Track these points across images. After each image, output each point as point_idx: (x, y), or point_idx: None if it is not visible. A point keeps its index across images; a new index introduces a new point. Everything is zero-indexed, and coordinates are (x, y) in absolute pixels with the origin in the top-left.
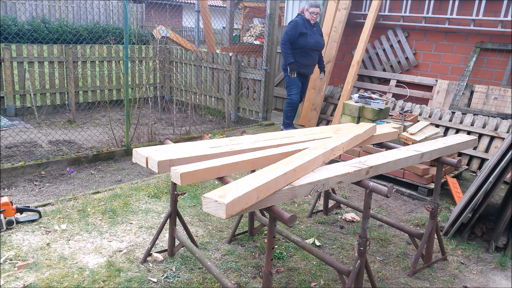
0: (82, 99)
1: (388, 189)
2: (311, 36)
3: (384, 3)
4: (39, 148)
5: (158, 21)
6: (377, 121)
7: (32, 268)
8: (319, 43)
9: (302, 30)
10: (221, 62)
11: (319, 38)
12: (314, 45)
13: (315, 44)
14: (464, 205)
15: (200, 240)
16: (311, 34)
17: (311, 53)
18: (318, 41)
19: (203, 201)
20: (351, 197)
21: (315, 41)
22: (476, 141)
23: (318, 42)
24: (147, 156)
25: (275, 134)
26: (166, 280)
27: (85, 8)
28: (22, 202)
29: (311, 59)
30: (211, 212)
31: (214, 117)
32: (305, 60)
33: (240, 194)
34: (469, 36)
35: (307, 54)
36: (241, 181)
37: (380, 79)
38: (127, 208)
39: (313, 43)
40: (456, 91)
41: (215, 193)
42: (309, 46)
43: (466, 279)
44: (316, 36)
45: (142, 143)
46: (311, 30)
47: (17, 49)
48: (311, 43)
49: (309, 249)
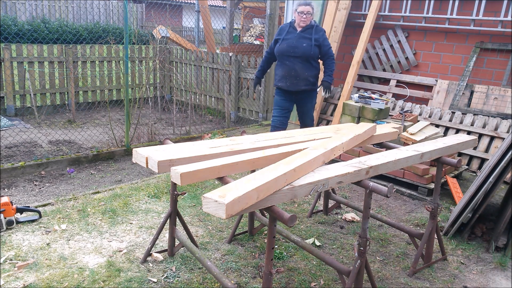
0: (82, 99)
1: (388, 189)
2: (284, 41)
3: (384, 3)
4: (39, 148)
5: (158, 21)
6: (377, 121)
7: (32, 268)
8: (295, 48)
9: (278, 36)
10: (221, 62)
11: (298, 42)
12: (286, 51)
13: (287, 49)
14: (464, 205)
15: (200, 240)
16: (287, 39)
17: (285, 61)
18: (294, 45)
19: (203, 201)
20: (351, 197)
21: (287, 46)
22: (476, 141)
23: (294, 46)
24: (147, 156)
25: (275, 134)
26: (166, 280)
27: (85, 8)
28: (22, 202)
29: (287, 69)
30: (211, 212)
31: (214, 117)
32: (280, 70)
33: (240, 194)
34: (469, 36)
35: (281, 63)
36: (241, 181)
37: (380, 79)
38: (127, 208)
39: (285, 48)
40: (456, 91)
41: (215, 193)
42: (280, 52)
43: (466, 279)
44: (294, 40)
45: (142, 143)
46: (292, 34)
47: (17, 49)
48: (282, 48)
49: (309, 249)
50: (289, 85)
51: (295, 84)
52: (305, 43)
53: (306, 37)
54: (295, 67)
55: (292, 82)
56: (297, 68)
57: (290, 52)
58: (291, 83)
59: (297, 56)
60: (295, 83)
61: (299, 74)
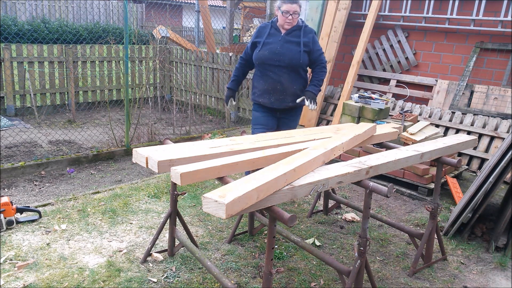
0: (82, 99)
1: (388, 189)
2: (265, 46)
3: (384, 3)
4: (39, 148)
5: (158, 21)
6: (377, 121)
7: (32, 268)
8: (280, 55)
9: (257, 39)
10: (221, 62)
11: (283, 47)
12: (269, 58)
13: (270, 57)
14: (464, 205)
15: (200, 240)
16: (269, 43)
17: (268, 72)
18: (279, 52)
19: (203, 201)
20: (351, 197)
21: (270, 52)
22: (476, 141)
23: (278, 53)
24: (147, 156)
25: (275, 134)
26: (166, 280)
27: (85, 8)
28: (22, 202)
29: (271, 82)
30: (211, 212)
31: (214, 117)
32: (262, 83)
33: (240, 194)
34: (469, 36)
35: (262, 74)
36: (241, 181)
37: (380, 79)
38: (127, 208)
39: (267, 55)
40: (456, 91)
41: (215, 193)
42: (260, 60)
43: (466, 279)
44: (278, 45)
45: (142, 143)
46: (275, 38)
47: (17, 49)
48: (264, 55)
49: (309, 249)
50: (273, 101)
51: (281, 101)
52: (293, 48)
53: (293, 41)
54: (280, 80)
55: (277, 98)
56: (283, 80)
57: (273, 60)
58: (276, 99)
59: (283, 65)
60: (281, 99)
61: (286, 88)
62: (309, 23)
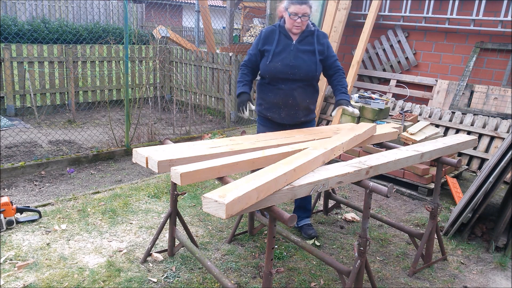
0: (82, 99)
1: (388, 189)
2: (277, 57)
3: (384, 3)
4: (39, 148)
5: (158, 21)
6: (377, 121)
7: (32, 268)
8: (295, 68)
9: (265, 46)
10: (221, 62)
11: (297, 59)
12: (282, 72)
13: (283, 70)
14: (464, 205)
15: (200, 240)
16: (281, 53)
17: (280, 84)
18: (293, 64)
19: (203, 201)
20: (351, 197)
21: (283, 65)
22: (476, 141)
23: (293, 65)
24: (147, 156)
25: (275, 134)
26: (166, 280)
27: (85, 8)
28: (22, 202)
29: (282, 95)
30: (211, 212)
31: (214, 117)
32: (271, 96)
33: (240, 194)
34: (469, 36)
35: (272, 86)
36: (241, 181)
37: (380, 79)
38: (127, 208)
39: (280, 68)
40: (456, 91)
41: (215, 193)
42: (272, 74)
43: (466, 279)
44: (292, 56)
45: (142, 143)
46: (286, 46)
47: (17, 49)
48: (276, 68)
49: (309, 249)
50: (283, 116)
51: (292, 116)
52: (308, 59)
53: (307, 50)
54: (293, 93)
55: (288, 113)
56: (296, 94)
57: (287, 73)
58: (287, 114)
59: (297, 79)
60: (292, 114)
61: (299, 103)
62: None
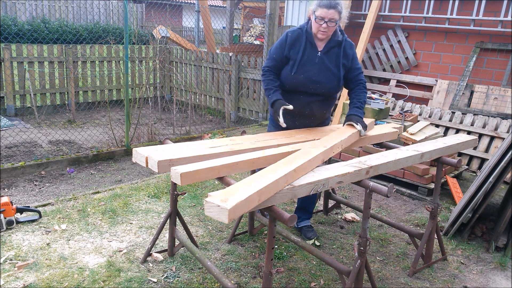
0: (82, 99)
1: (388, 189)
2: (302, 68)
3: (384, 3)
4: (39, 148)
5: (158, 21)
6: (377, 121)
7: (32, 268)
8: (318, 83)
9: (290, 52)
10: (221, 62)
11: (321, 74)
12: (304, 85)
13: (305, 83)
14: (464, 205)
15: (200, 240)
16: (305, 65)
17: (299, 95)
18: (316, 79)
19: (205, 205)
20: (351, 197)
21: (306, 79)
22: (477, 141)
23: (316, 80)
24: (147, 155)
25: (275, 134)
26: (166, 280)
27: (85, 8)
28: (22, 202)
29: (299, 106)
30: (213, 217)
31: (214, 117)
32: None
33: (242, 198)
34: (469, 36)
35: (291, 96)
36: (242, 183)
37: (380, 79)
38: (127, 208)
39: (302, 81)
40: (456, 91)
41: (217, 198)
42: (293, 85)
43: (466, 279)
44: (316, 70)
45: (142, 143)
46: (311, 56)
47: (17, 49)
48: (298, 81)
49: (309, 249)
50: (298, 124)
51: (307, 124)
52: (331, 75)
53: (332, 65)
54: (311, 106)
55: (303, 122)
56: (314, 106)
57: (308, 87)
58: (302, 123)
59: (318, 93)
60: (307, 123)
61: (315, 113)
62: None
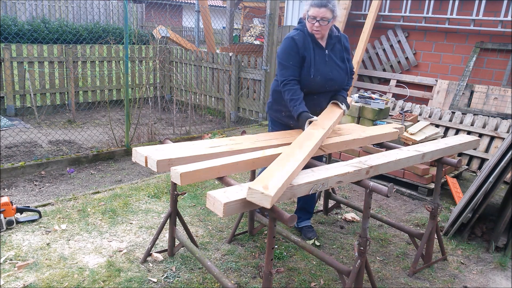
0: (82, 99)
1: (388, 189)
2: (318, 68)
3: (384, 3)
4: (39, 148)
5: (158, 21)
6: (377, 121)
7: (32, 268)
8: (332, 80)
9: (304, 54)
10: (221, 62)
11: (333, 71)
12: (322, 86)
13: (322, 84)
14: (464, 205)
15: (200, 240)
16: (318, 65)
17: (314, 95)
18: (331, 77)
19: (248, 192)
20: (351, 197)
21: (323, 79)
22: (479, 142)
23: (330, 78)
24: (147, 155)
25: (275, 134)
26: (166, 280)
27: (85, 8)
28: (22, 202)
29: (312, 106)
30: (255, 201)
31: (214, 117)
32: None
33: (279, 185)
34: (469, 36)
35: (309, 98)
36: (273, 168)
37: (380, 79)
38: (127, 208)
39: (319, 82)
40: (456, 91)
41: (258, 185)
42: (311, 86)
43: (466, 279)
44: (329, 69)
45: (142, 143)
46: (320, 56)
47: (17, 49)
48: (317, 82)
49: (309, 249)
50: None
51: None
52: (341, 70)
53: (339, 60)
54: (322, 104)
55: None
56: (324, 104)
57: (324, 87)
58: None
59: (331, 90)
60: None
61: (323, 109)
62: None
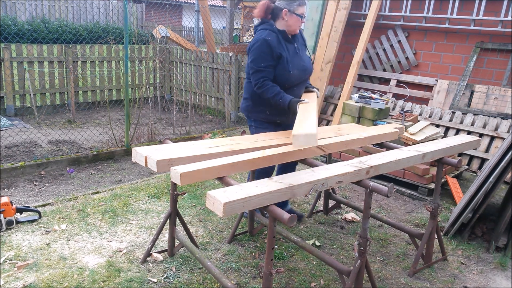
0: (82, 99)
1: (389, 189)
2: (293, 63)
3: (384, 3)
4: (39, 148)
5: (158, 21)
6: (377, 121)
7: (32, 268)
8: (306, 70)
9: (279, 53)
10: (221, 62)
11: (306, 60)
12: (299, 78)
13: (300, 76)
14: (464, 205)
15: (200, 240)
16: (293, 58)
17: (294, 88)
18: (305, 67)
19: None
20: (351, 197)
21: (300, 70)
22: (479, 142)
23: (305, 68)
24: (147, 155)
25: (275, 134)
26: (166, 280)
27: (85, 8)
28: (22, 202)
29: (294, 97)
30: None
31: (214, 117)
32: None
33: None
34: (469, 36)
35: (289, 92)
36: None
37: (380, 79)
38: (127, 208)
39: (297, 75)
40: (456, 91)
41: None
42: (291, 80)
43: (466, 279)
44: (300, 59)
45: (142, 143)
46: (291, 49)
47: (17, 49)
48: (295, 75)
49: (309, 249)
50: (291, 118)
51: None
52: (308, 58)
53: (305, 50)
54: (300, 94)
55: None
56: (302, 94)
57: (301, 78)
58: (291, 117)
59: (306, 79)
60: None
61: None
62: (309, 23)
